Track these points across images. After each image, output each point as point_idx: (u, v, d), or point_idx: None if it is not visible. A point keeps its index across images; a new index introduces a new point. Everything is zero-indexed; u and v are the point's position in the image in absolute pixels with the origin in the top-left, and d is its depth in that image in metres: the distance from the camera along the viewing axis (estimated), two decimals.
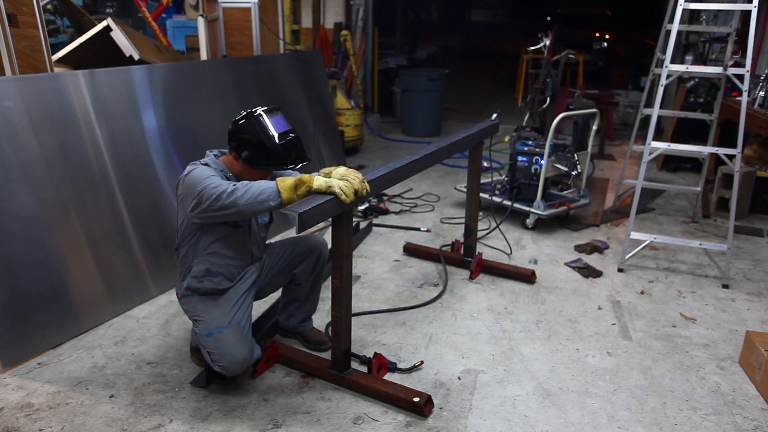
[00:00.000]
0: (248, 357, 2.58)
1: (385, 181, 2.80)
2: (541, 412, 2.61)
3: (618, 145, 7.79)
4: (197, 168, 2.48)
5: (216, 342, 2.55)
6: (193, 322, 2.71)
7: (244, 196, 2.29)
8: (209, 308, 2.62)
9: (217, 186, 2.33)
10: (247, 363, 2.59)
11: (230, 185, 2.33)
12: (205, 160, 2.58)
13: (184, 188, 2.49)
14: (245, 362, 2.58)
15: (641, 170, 4.03)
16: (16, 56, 3.24)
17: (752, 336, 2.92)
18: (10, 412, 2.52)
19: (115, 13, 10.77)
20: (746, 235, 4.75)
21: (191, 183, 2.42)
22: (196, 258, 2.63)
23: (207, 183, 2.35)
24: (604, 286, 3.84)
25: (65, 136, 3.21)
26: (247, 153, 2.51)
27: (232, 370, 2.56)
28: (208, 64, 4.58)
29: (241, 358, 2.55)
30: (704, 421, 2.58)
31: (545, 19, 14.44)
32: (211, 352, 2.56)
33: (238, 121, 2.55)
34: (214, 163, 2.57)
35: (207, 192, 2.33)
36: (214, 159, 2.61)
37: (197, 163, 2.55)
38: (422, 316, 3.41)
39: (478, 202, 4.00)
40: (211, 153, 2.66)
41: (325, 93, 5.73)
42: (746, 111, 3.80)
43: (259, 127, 2.49)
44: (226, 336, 2.55)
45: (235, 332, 2.58)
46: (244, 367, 2.60)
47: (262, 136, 2.48)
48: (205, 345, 2.58)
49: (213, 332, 2.56)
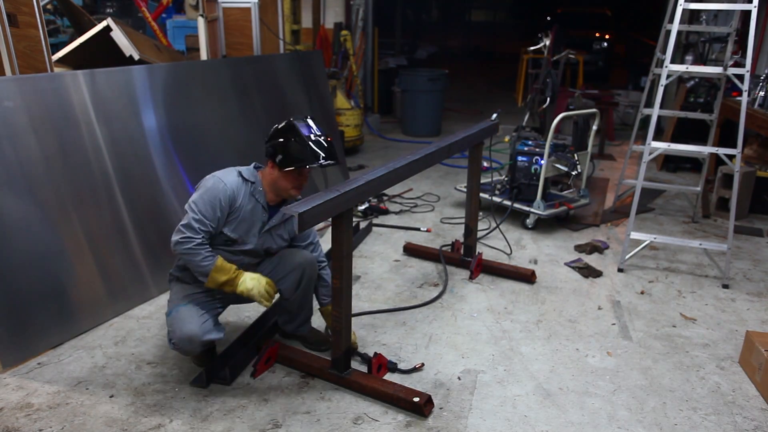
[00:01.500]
0: (196, 333, 2.55)
1: (385, 181, 2.80)
2: (541, 412, 2.61)
3: (618, 145, 7.79)
4: (213, 179, 2.61)
5: (172, 319, 2.62)
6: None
7: (186, 256, 2.56)
8: (179, 290, 2.73)
9: (183, 233, 2.54)
10: (195, 339, 2.56)
11: (191, 241, 2.52)
12: (243, 169, 2.70)
13: (199, 186, 2.65)
14: (193, 338, 2.55)
15: (641, 170, 4.03)
16: (16, 56, 3.24)
17: (752, 336, 2.92)
18: (10, 412, 2.52)
19: (115, 13, 10.77)
20: (746, 235, 4.75)
21: (195, 194, 2.61)
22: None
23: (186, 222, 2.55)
24: (604, 286, 3.84)
25: (65, 136, 3.21)
26: (281, 157, 2.59)
27: (181, 346, 2.58)
28: (208, 64, 4.57)
29: (188, 333, 2.55)
30: (704, 421, 2.58)
31: (545, 19, 14.44)
32: (168, 331, 2.63)
33: (275, 129, 2.66)
34: (248, 173, 2.69)
35: (178, 227, 2.56)
36: (252, 170, 2.72)
37: (231, 170, 2.68)
38: (422, 316, 3.41)
39: (478, 202, 4.00)
40: (253, 164, 2.77)
41: (325, 93, 5.73)
42: (746, 111, 3.80)
43: (294, 129, 2.60)
44: (180, 312, 2.62)
45: (189, 310, 2.62)
46: (194, 344, 2.57)
47: (296, 135, 2.58)
48: (167, 325, 2.65)
49: (172, 311, 2.65)
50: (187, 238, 2.52)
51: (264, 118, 4.75)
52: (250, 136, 4.46)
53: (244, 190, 2.64)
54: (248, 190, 2.65)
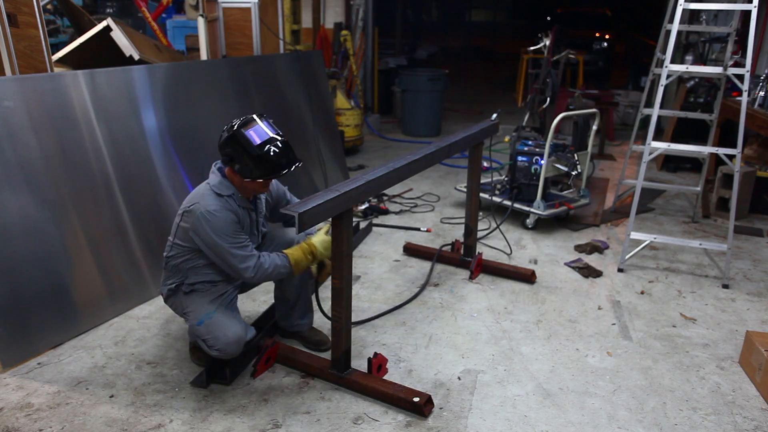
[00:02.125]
0: (242, 335, 2.59)
1: (385, 181, 2.80)
2: (541, 412, 2.61)
3: (618, 145, 7.79)
4: (216, 217, 2.49)
5: (208, 327, 2.57)
6: (183, 317, 2.75)
7: (268, 276, 2.60)
8: (195, 299, 2.67)
9: (244, 266, 2.54)
10: (241, 341, 2.59)
11: (253, 260, 2.53)
12: (214, 183, 2.57)
13: (198, 232, 2.52)
14: (240, 341, 2.58)
15: (641, 170, 4.03)
16: (16, 56, 3.24)
17: (752, 336, 2.92)
18: (10, 412, 2.52)
19: (115, 13, 10.77)
20: (746, 235, 4.75)
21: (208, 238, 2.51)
22: (191, 270, 2.67)
23: (242, 262, 2.53)
24: (604, 286, 3.84)
25: (65, 136, 3.21)
26: (238, 166, 2.51)
27: (228, 350, 2.56)
28: (208, 64, 4.57)
29: (235, 337, 2.56)
30: (704, 421, 2.58)
31: (545, 19, 14.43)
32: (206, 339, 2.58)
33: (222, 137, 2.54)
34: (221, 186, 2.57)
35: (235, 267, 2.55)
36: (222, 181, 2.59)
37: (206, 193, 2.54)
38: (422, 316, 3.41)
39: (478, 202, 4.00)
40: (215, 167, 2.67)
41: (325, 93, 5.73)
42: (746, 111, 3.80)
43: (242, 140, 2.47)
44: (216, 319, 2.59)
45: (224, 314, 2.62)
46: (240, 346, 2.60)
47: (247, 149, 2.47)
48: (198, 334, 2.60)
49: (203, 319, 2.60)
50: (250, 266, 2.52)
51: None
52: None
53: (232, 207, 2.56)
54: (234, 204, 2.58)
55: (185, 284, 2.68)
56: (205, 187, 2.59)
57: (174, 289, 2.71)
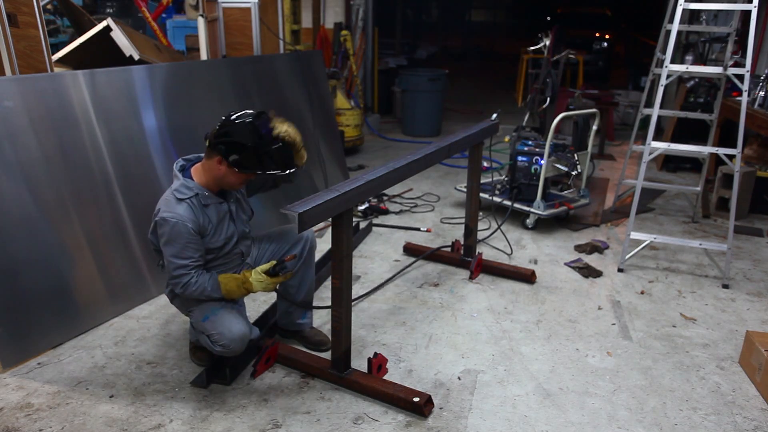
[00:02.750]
0: (246, 332, 2.58)
1: (385, 181, 2.80)
2: (541, 412, 2.61)
3: (618, 145, 7.79)
4: (170, 225, 2.45)
5: (213, 323, 2.56)
6: (188, 315, 2.74)
7: (193, 294, 2.55)
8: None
9: (176, 280, 2.54)
10: (246, 338, 2.58)
11: (188, 277, 2.51)
12: (175, 188, 2.51)
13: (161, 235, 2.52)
14: (244, 337, 2.57)
15: (641, 170, 4.03)
16: (16, 56, 3.24)
17: (752, 336, 2.92)
18: (10, 412, 2.52)
19: (115, 13, 10.77)
20: (746, 235, 4.75)
21: (161, 240, 2.52)
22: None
23: (175, 270, 2.52)
24: (604, 286, 3.84)
25: (65, 136, 3.21)
26: (236, 157, 2.43)
27: (233, 347, 2.55)
28: (208, 64, 4.57)
29: (239, 333, 2.55)
30: (704, 421, 2.58)
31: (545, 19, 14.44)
32: (210, 335, 2.56)
33: (230, 124, 2.45)
34: (183, 189, 2.51)
35: (170, 274, 2.55)
36: (183, 182, 2.52)
37: (169, 199, 2.50)
38: (422, 316, 3.41)
39: (478, 202, 4.00)
40: (177, 166, 2.60)
41: (325, 93, 5.73)
42: (746, 111, 3.80)
43: (255, 131, 2.42)
44: (221, 315, 2.58)
45: (229, 311, 2.61)
46: (244, 343, 2.59)
47: (258, 141, 2.42)
48: (203, 330, 2.59)
49: (209, 315, 2.59)
50: (180, 282, 2.51)
51: None
52: None
53: (197, 209, 2.51)
54: (198, 204, 2.52)
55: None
56: (167, 193, 2.54)
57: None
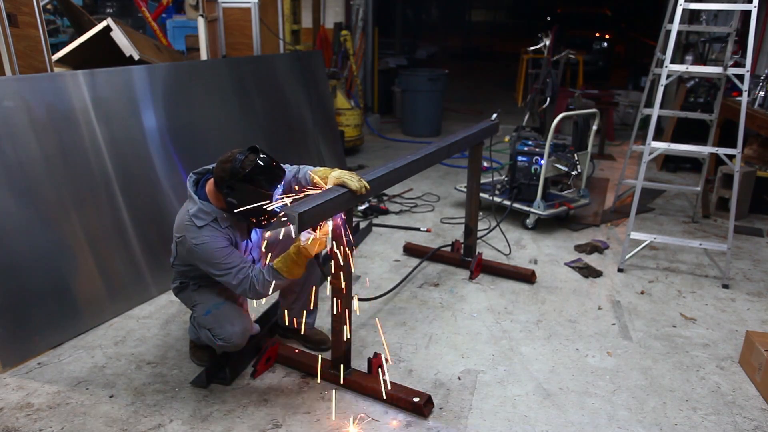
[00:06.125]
0: (248, 327, 2.63)
1: (385, 181, 2.80)
2: (541, 412, 2.61)
3: (618, 145, 7.79)
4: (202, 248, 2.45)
5: (215, 317, 2.60)
6: (192, 309, 2.76)
7: (265, 288, 2.51)
8: (204, 293, 2.70)
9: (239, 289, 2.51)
10: (247, 333, 2.63)
11: (248, 281, 2.48)
12: (193, 213, 2.47)
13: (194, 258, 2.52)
14: (245, 332, 2.61)
15: (641, 170, 4.03)
16: (16, 56, 3.24)
17: (752, 336, 2.92)
18: (10, 412, 2.52)
19: (115, 13, 10.76)
20: (746, 235, 4.75)
21: (203, 264, 2.50)
22: (197, 274, 2.69)
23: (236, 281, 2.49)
24: (604, 286, 3.84)
25: (65, 136, 3.21)
26: (234, 202, 2.44)
27: (233, 340, 2.58)
28: (208, 64, 4.57)
29: (240, 328, 2.59)
30: (704, 421, 2.58)
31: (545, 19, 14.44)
32: (212, 328, 2.60)
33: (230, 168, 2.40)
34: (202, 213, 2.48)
35: (231, 287, 2.52)
36: (201, 207, 2.49)
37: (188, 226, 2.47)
38: (422, 316, 3.41)
39: (478, 202, 4.00)
40: (191, 180, 2.59)
41: (325, 93, 5.73)
42: (746, 111, 3.80)
43: (252, 192, 2.41)
44: (224, 310, 2.62)
45: (232, 307, 2.66)
46: (245, 338, 2.63)
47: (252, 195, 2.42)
48: (204, 324, 2.62)
49: (211, 309, 2.63)
50: (250, 287, 2.48)
51: (264, 118, 4.75)
52: (249, 136, 4.46)
53: (219, 230, 2.50)
54: (219, 226, 2.50)
55: (192, 283, 2.74)
56: (186, 217, 2.50)
57: (183, 285, 2.77)
